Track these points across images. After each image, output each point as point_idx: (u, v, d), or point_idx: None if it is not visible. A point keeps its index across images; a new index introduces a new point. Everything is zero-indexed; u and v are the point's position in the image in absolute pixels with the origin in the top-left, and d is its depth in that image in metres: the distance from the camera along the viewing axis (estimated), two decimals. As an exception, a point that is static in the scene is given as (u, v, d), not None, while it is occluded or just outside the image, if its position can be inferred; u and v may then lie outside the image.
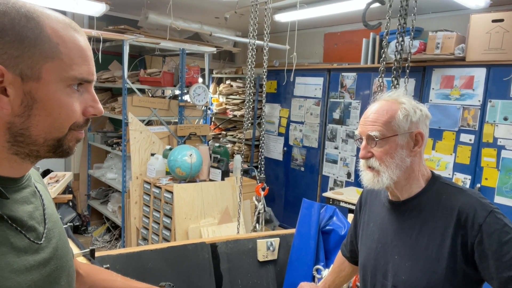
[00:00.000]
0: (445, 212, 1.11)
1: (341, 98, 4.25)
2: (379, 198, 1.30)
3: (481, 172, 3.16)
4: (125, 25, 3.64)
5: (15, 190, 0.66)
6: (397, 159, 1.13)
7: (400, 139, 1.13)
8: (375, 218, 1.30)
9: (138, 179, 3.64)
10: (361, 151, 1.17)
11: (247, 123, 2.82)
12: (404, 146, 1.14)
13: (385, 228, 1.23)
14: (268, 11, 2.60)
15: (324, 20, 4.37)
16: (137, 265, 1.85)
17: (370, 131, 1.14)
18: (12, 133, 0.61)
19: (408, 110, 1.14)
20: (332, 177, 4.39)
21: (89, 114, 0.67)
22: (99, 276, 1.00)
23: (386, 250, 1.20)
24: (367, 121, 1.16)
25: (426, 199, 1.16)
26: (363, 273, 1.30)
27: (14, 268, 0.60)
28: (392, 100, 1.17)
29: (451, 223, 1.08)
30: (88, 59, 0.66)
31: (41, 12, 0.61)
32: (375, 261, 1.23)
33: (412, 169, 1.16)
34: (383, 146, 1.13)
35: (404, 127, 1.13)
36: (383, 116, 1.14)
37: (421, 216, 1.15)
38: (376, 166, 1.14)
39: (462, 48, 3.19)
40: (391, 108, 1.15)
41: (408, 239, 1.15)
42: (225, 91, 5.48)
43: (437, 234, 1.10)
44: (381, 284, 1.21)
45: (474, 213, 1.05)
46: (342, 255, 1.54)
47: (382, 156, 1.13)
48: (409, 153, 1.15)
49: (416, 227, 1.15)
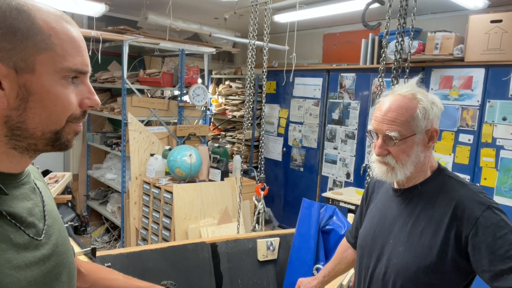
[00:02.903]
0: (443, 202, 1.13)
1: (340, 99, 4.26)
2: (384, 186, 1.33)
3: (480, 172, 3.17)
4: (124, 26, 3.64)
5: (14, 186, 0.66)
6: (413, 157, 1.14)
7: (417, 137, 1.14)
8: (377, 203, 1.33)
9: (137, 180, 3.64)
10: (377, 149, 1.16)
11: (246, 123, 2.82)
12: (420, 143, 1.15)
13: (385, 213, 1.26)
14: (267, 12, 2.61)
15: (323, 20, 4.38)
16: (137, 265, 1.85)
17: (388, 131, 1.12)
18: (9, 127, 0.61)
19: (426, 108, 1.12)
20: (332, 177, 4.40)
21: (85, 106, 0.67)
22: (101, 275, 1.00)
23: (383, 234, 1.24)
24: (385, 119, 1.13)
25: (428, 188, 1.17)
26: (360, 254, 1.34)
27: (14, 264, 0.60)
28: (410, 96, 1.14)
29: (447, 213, 1.10)
30: (82, 50, 0.65)
31: (32, 5, 0.62)
32: (372, 243, 1.27)
33: (424, 162, 1.18)
34: (400, 145, 1.13)
35: (422, 126, 1.13)
36: (402, 115, 1.11)
37: (420, 204, 1.17)
38: (392, 164, 1.15)
39: (461, 48, 3.20)
40: (410, 106, 1.12)
41: (405, 225, 1.18)
42: (224, 92, 5.48)
43: (433, 223, 1.13)
44: (374, 265, 1.24)
45: (472, 206, 1.07)
46: (346, 242, 1.55)
47: (400, 154, 1.13)
48: (424, 149, 1.16)
49: (414, 214, 1.17)
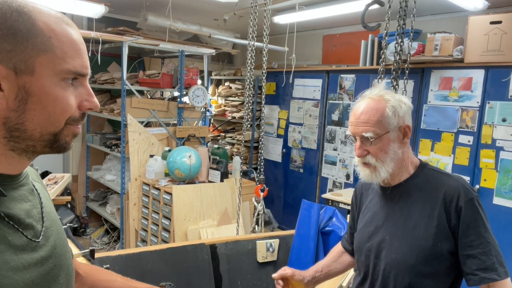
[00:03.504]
0: (432, 195, 1.20)
1: (340, 100, 4.26)
2: (371, 187, 1.40)
3: (479, 173, 3.17)
4: (124, 27, 3.64)
5: (13, 187, 0.66)
6: (391, 153, 1.22)
7: (391, 134, 1.22)
8: (369, 205, 1.38)
9: (137, 181, 3.64)
10: (357, 151, 1.24)
11: (246, 124, 2.82)
12: (395, 140, 1.23)
13: (378, 213, 1.32)
14: (267, 13, 2.61)
15: (323, 22, 4.38)
16: (136, 266, 1.85)
17: (363, 132, 1.20)
18: (8, 128, 0.61)
19: (395, 106, 1.21)
20: (331, 178, 4.39)
21: (84, 108, 0.67)
22: (99, 276, 1.00)
23: (378, 232, 1.29)
24: (359, 122, 1.22)
25: (414, 183, 1.25)
26: (358, 255, 1.37)
27: (12, 266, 0.60)
28: (378, 98, 1.24)
29: (437, 204, 1.18)
30: (82, 53, 0.65)
31: (32, 7, 0.61)
32: (369, 243, 1.31)
33: (403, 158, 1.25)
34: (377, 144, 1.21)
35: (393, 123, 1.21)
36: (373, 116, 1.20)
37: (410, 200, 1.24)
38: (372, 163, 1.22)
39: (461, 49, 3.20)
40: (379, 106, 1.21)
41: (398, 221, 1.24)
42: (224, 93, 5.48)
43: (424, 215, 1.19)
44: (374, 264, 1.28)
45: (458, 196, 1.15)
46: (342, 247, 1.55)
47: (378, 152, 1.21)
48: (400, 145, 1.24)
49: (405, 209, 1.24)
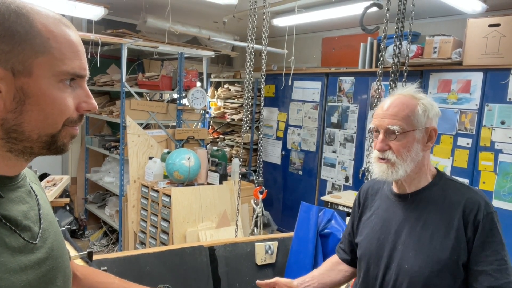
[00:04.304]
0: (450, 205, 1.15)
1: (339, 102, 4.26)
2: (380, 192, 1.34)
3: (478, 176, 3.17)
4: (123, 29, 3.64)
5: (10, 189, 0.66)
6: (413, 153, 1.16)
7: (417, 133, 1.17)
8: (377, 210, 1.32)
9: (135, 183, 3.63)
10: (379, 144, 1.18)
11: (245, 126, 2.82)
12: (420, 141, 1.18)
13: (389, 219, 1.26)
14: (266, 16, 2.61)
15: (322, 24, 4.39)
16: (134, 269, 1.84)
17: (390, 125, 1.16)
18: (5, 130, 0.61)
19: (426, 106, 1.18)
20: (330, 181, 4.39)
21: (82, 109, 0.67)
22: (97, 278, 1.00)
23: (389, 240, 1.23)
24: (387, 114, 1.18)
25: (432, 192, 1.20)
26: (365, 264, 1.30)
27: (9, 268, 0.60)
28: (410, 96, 1.20)
29: (456, 215, 1.13)
30: (80, 54, 0.65)
31: (31, 8, 0.61)
32: (378, 251, 1.25)
33: (422, 163, 1.20)
34: (401, 140, 1.16)
35: (422, 122, 1.17)
36: (403, 110, 1.16)
37: (427, 209, 1.19)
38: (392, 159, 1.17)
39: (459, 52, 3.21)
40: (410, 102, 1.17)
41: (413, 230, 1.18)
42: (223, 95, 5.49)
43: (442, 226, 1.14)
44: (383, 273, 1.23)
45: (478, 209, 1.11)
46: (338, 259, 1.49)
47: (400, 149, 1.16)
48: (423, 148, 1.19)
49: (421, 218, 1.18)
